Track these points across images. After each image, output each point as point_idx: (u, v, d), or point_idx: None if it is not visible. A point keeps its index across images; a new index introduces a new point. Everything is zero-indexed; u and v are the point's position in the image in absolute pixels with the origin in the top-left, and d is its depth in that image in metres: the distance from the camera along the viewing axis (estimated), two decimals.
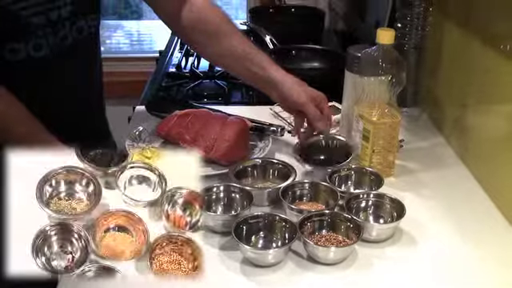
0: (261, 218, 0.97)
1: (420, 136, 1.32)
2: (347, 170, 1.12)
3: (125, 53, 2.69)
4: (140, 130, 1.26)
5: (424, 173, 1.19)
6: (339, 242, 0.95)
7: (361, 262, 0.94)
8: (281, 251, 0.93)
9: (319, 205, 1.04)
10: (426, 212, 1.06)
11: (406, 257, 0.96)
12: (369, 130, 1.12)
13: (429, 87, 1.38)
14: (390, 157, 1.14)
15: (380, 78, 1.11)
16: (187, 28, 1.21)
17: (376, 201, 1.03)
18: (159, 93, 1.59)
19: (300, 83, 1.17)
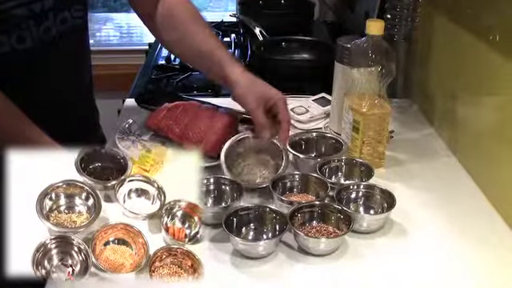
0: (251, 209, 0.97)
1: (410, 127, 1.32)
2: (337, 161, 1.12)
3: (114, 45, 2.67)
4: (130, 122, 1.26)
5: (414, 164, 1.19)
6: (330, 233, 0.95)
7: (351, 253, 0.94)
8: (271, 243, 0.93)
9: (309, 196, 1.04)
10: (416, 203, 1.06)
11: (397, 247, 0.96)
12: (359, 122, 1.12)
13: (419, 78, 1.39)
14: (380, 148, 1.15)
15: (370, 69, 1.11)
16: (158, 25, 1.21)
17: (366, 192, 1.04)
18: (149, 85, 1.58)
19: (254, 84, 1.11)
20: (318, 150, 1.19)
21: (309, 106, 1.37)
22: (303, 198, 1.04)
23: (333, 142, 1.18)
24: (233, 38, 1.89)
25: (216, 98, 1.47)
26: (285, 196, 1.03)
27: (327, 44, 1.66)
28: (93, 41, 2.56)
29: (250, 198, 1.04)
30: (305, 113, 1.35)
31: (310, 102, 1.38)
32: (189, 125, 1.16)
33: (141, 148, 1.18)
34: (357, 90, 1.13)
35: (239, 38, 1.90)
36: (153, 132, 1.22)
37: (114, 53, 2.57)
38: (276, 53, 1.65)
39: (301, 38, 1.73)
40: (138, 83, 1.60)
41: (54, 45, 1.11)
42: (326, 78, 1.32)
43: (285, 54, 1.67)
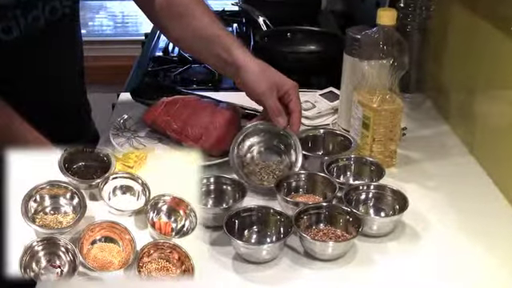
0: (254, 211, 0.98)
1: (423, 124, 1.32)
2: (346, 159, 1.12)
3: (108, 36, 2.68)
4: (125, 118, 1.26)
5: (428, 163, 1.19)
6: (338, 236, 0.96)
7: (361, 258, 0.94)
8: (275, 246, 0.93)
9: (316, 197, 1.05)
10: (429, 204, 1.06)
11: (409, 252, 0.96)
12: (369, 118, 1.12)
13: (433, 72, 1.39)
14: (391, 146, 1.15)
15: (381, 61, 1.11)
16: (158, 10, 1.20)
17: (377, 193, 1.04)
18: (145, 78, 1.59)
19: (265, 69, 1.11)
20: (326, 147, 1.19)
21: (316, 101, 1.37)
22: (309, 199, 1.04)
23: (341, 139, 1.18)
24: (235, 28, 1.89)
25: (217, 92, 1.47)
26: (290, 197, 1.03)
27: (335, 35, 1.67)
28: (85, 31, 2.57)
29: (252, 198, 1.05)
30: (311, 108, 1.35)
31: (317, 97, 1.39)
32: (188, 120, 1.16)
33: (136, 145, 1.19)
34: (367, 83, 1.13)
35: (241, 28, 1.90)
36: (149, 128, 1.23)
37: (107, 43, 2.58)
38: (280, 44, 1.66)
39: (307, 29, 1.73)
40: (134, 76, 1.61)
41: (43, 35, 1.11)
42: (334, 72, 1.33)
43: (290, 45, 1.67)
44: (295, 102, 1.11)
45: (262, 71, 1.11)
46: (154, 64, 1.67)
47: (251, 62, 1.11)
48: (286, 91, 1.10)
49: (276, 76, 1.12)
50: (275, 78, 1.11)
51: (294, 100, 1.11)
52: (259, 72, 1.11)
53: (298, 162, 1.09)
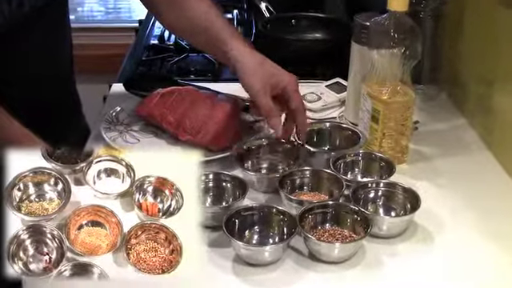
0: (255, 210, 0.98)
1: (437, 117, 1.33)
2: (354, 155, 1.12)
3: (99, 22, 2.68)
4: (117, 110, 1.27)
5: (442, 159, 1.19)
6: (345, 237, 0.96)
7: (369, 260, 0.94)
8: (278, 248, 0.94)
9: (322, 195, 1.05)
10: (443, 204, 1.07)
11: (421, 254, 0.96)
12: (378, 111, 1.12)
13: (448, 61, 1.39)
14: (402, 141, 1.15)
15: (391, 50, 1.11)
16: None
17: (387, 191, 1.04)
18: (139, 68, 1.59)
19: (262, 63, 1.11)
20: (332, 142, 1.19)
21: (321, 93, 1.37)
22: (315, 197, 1.04)
23: (349, 133, 1.19)
24: (235, 15, 1.89)
25: (216, 82, 1.47)
26: (294, 195, 1.04)
27: (343, 22, 1.67)
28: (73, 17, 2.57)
29: (254, 196, 1.05)
30: (317, 100, 1.36)
31: (322, 88, 1.39)
32: (185, 113, 1.17)
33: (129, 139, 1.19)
34: (376, 74, 1.14)
35: (242, 14, 1.90)
36: (144, 121, 1.23)
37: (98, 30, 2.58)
38: (284, 31, 1.66)
39: (312, 15, 1.74)
40: (127, 66, 1.61)
41: (28, 23, 1.11)
42: (341, 61, 1.33)
43: (294, 32, 1.67)
44: (296, 100, 1.11)
45: (257, 66, 1.11)
46: (149, 53, 1.68)
47: (248, 57, 1.12)
48: (283, 88, 1.10)
49: (273, 71, 1.11)
50: (271, 74, 1.11)
51: (294, 98, 1.10)
52: (254, 67, 1.10)
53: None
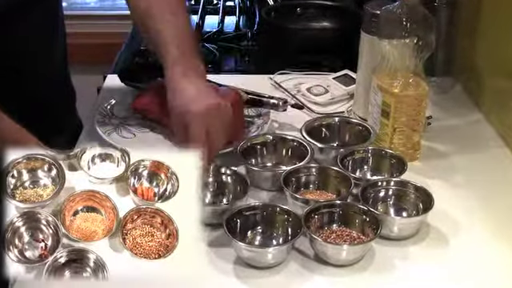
0: (258, 209, 0.98)
1: (452, 112, 1.33)
2: (363, 152, 1.12)
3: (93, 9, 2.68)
4: (112, 103, 1.27)
5: (456, 156, 1.19)
6: (353, 238, 0.96)
7: (379, 264, 0.94)
8: (282, 249, 0.94)
9: (329, 194, 1.05)
10: (458, 203, 1.07)
11: (434, 257, 0.96)
12: (389, 105, 1.12)
13: (464, 52, 1.39)
14: (414, 137, 1.15)
15: (403, 40, 1.11)
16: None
17: (398, 190, 1.04)
18: (136, 58, 1.59)
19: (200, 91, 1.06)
20: (340, 138, 1.20)
21: (328, 86, 1.37)
22: (321, 196, 1.04)
23: (358, 128, 1.19)
24: (237, 2, 1.89)
25: (218, 74, 1.48)
26: (299, 193, 1.04)
27: (352, 10, 1.67)
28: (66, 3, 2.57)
29: (257, 195, 1.05)
30: (324, 93, 1.36)
31: (330, 81, 1.39)
32: None
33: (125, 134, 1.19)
34: (387, 66, 1.14)
35: (244, 1, 1.90)
36: (140, 115, 1.23)
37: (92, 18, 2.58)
38: (290, 20, 1.66)
39: (320, 3, 1.73)
40: (123, 56, 1.61)
41: (19, 10, 1.12)
42: (349, 52, 1.33)
43: (300, 21, 1.67)
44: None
45: (179, 96, 1.06)
46: None
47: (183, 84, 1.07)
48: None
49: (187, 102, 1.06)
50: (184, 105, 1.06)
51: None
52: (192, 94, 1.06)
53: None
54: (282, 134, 1.17)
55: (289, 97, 1.35)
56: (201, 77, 1.10)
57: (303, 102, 1.33)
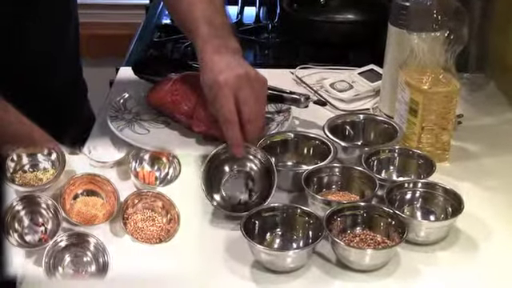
0: (278, 210, 0.99)
1: (484, 110, 1.32)
2: (389, 151, 1.12)
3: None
4: (125, 97, 1.27)
5: (489, 157, 1.19)
6: (377, 243, 0.96)
7: (404, 270, 0.94)
8: (303, 253, 0.94)
9: (352, 195, 1.05)
10: (489, 207, 1.06)
11: (463, 264, 0.96)
12: (417, 102, 1.12)
13: (498, 47, 1.38)
14: (444, 136, 1.15)
15: (434, 34, 1.11)
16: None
17: (425, 192, 1.04)
18: (149, 50, 1.60)
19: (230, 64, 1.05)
20: (365, 137, 1.20)
21: (353, 81, 1.38)
22: (344, 198, 1.05)
23: (384, 127, 1.19)
24: None
25: None
26: (321, 194, 1.04)
27: (379, 1, 1.66)
28: None
29: (276, 195, 1.05)
30: (348, 89, 1.36)
31: (355, 76, 1.39)
32: (200, 101, 1.17)
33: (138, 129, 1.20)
34: (416, 61, 1.14)
35: None
36: (154, 110, 1.24)
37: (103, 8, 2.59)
38: (312, 12, 1.66)
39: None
40: (136, 47, 1.62)
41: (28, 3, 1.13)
42: (376, 46, 1.33)
43: (323, 13, 1.67)
44: (252, 113, 1.05)
45: (213, 68, 1.07)
46: (161, 33, 1.68)
47: (216, 62, 1.07)
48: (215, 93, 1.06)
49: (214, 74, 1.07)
50: (214, 78, 1.06)
51: (247, 112, 1.05)
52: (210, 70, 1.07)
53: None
54: (303, 132, 1.17)
55: (311, 92, 1.35)
56: (235, 53, 1.10)
57: (326, 99, 1.33)
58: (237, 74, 1.04)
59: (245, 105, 1.03)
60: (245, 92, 1.03)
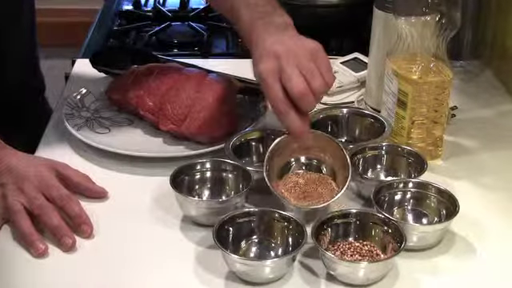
0: (254, 215, 0.99)
1: (481, 101, 1.33)
2: (376, 149, 1.13)
3: None
4: (82, 93, 1.27)
5: (485, 153, 1.20)
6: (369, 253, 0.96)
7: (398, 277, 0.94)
8: (282, 262, 0.94)
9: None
10: (486, 208, 1.07)
11: (459, 270, 0.97)
12: (407, 93, 1.13)
13: (495, 31, 1.39)
14: (436, 131, 1.16)
15: (424, 18, 1.11)
16: None
17: (417, 192, 1.05)
18: (109, 40, 1.59)
19: (278, 42, 1.07)
20: (350, 132, 1.20)
21: (336, 71, 1.37)
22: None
23: (370, 121, 1.19)
24: None
25: (205, 58, 1.48)
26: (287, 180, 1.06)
27: None
28: None
29: (252, 198, 1.05)
30: None
31: (337, 66, 1.40)
32: (167, 97, 1.17)
33: (98, 129, 1.20)
34: (404, 48, 1.14)
35: None
36: (116, 106, 1.24)
37: None
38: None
39: None
40: (95, 37, 1.61)
41: None
42: (360, 32, 1.33)
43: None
44: (319, 83, 1.06)
45: (270, 45, 1.07)
46: (122, 21, 1.68)
47: (272, 35, 1.09)
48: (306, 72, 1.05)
49: (300, 45, 1.09)
50: (280, 52, 1.07)
51: (317, 82, 1.06)
52: (276, 45, 1.07)
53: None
54: (281, 129, 1.17)
55: None
56: (281, 30, 1.10)
57: None
58: (275, 54, 1.04)
59: (288, 81, 1.03)
60: (288, 68, 1.03)
